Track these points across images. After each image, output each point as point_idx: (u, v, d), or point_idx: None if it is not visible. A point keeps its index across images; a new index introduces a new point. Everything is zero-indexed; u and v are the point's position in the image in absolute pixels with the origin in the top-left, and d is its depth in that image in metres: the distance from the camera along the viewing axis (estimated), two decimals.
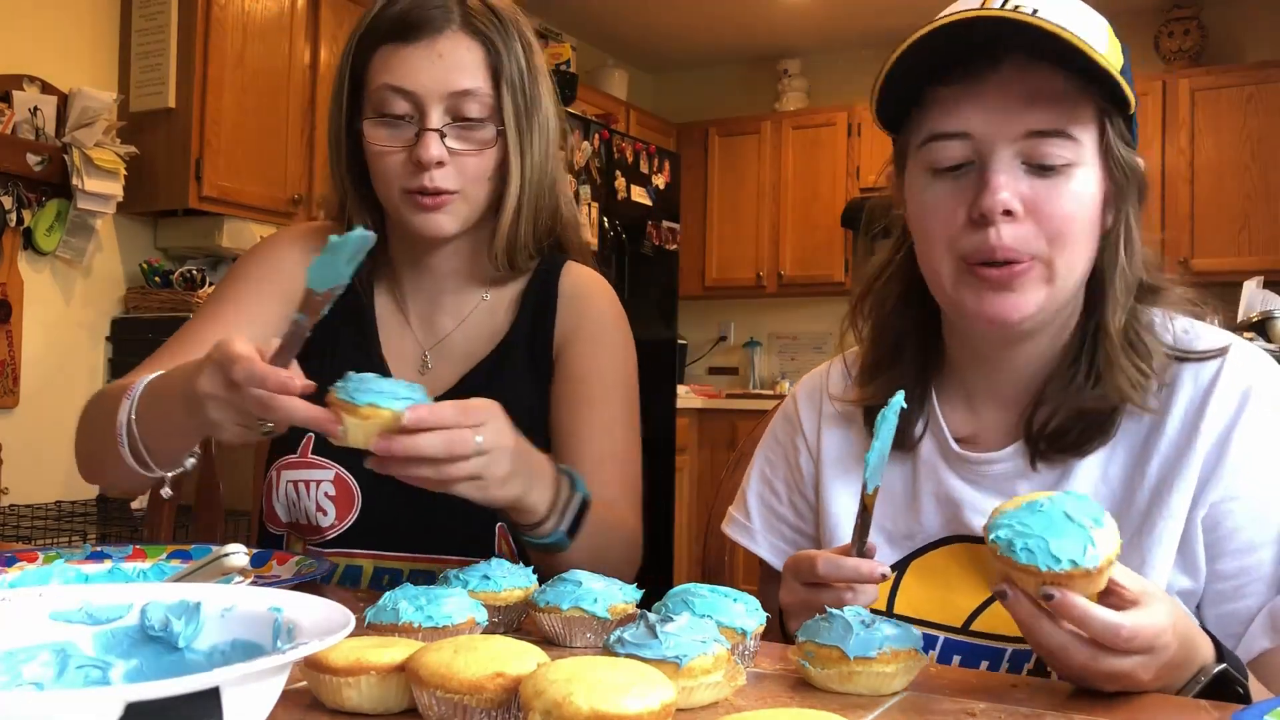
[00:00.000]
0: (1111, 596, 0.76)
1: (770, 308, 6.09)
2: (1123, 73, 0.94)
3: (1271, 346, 3.68)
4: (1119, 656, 0.75)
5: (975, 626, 0.99)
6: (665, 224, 4.80)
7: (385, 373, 1.31)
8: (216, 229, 3.58)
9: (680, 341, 5.53)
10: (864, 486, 0.89)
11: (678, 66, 6.36)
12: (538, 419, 1.30)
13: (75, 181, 3.25)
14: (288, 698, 0.75)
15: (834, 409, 1.14)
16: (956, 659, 0.99)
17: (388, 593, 0.86)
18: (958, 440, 1.04)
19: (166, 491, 1.13)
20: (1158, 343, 0.98)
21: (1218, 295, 1.06)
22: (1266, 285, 4.18)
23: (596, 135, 4.39)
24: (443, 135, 1.21)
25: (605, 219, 4.37)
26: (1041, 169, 0.92)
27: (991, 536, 0.77)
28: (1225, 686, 0.82)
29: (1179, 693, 0.82)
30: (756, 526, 1.17)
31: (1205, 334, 0.99)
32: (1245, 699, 0.83)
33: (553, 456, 1.23)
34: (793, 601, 0.91)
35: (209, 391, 0.93)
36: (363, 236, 0.82)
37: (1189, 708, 0.79)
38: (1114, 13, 1.04)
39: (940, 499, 1.04)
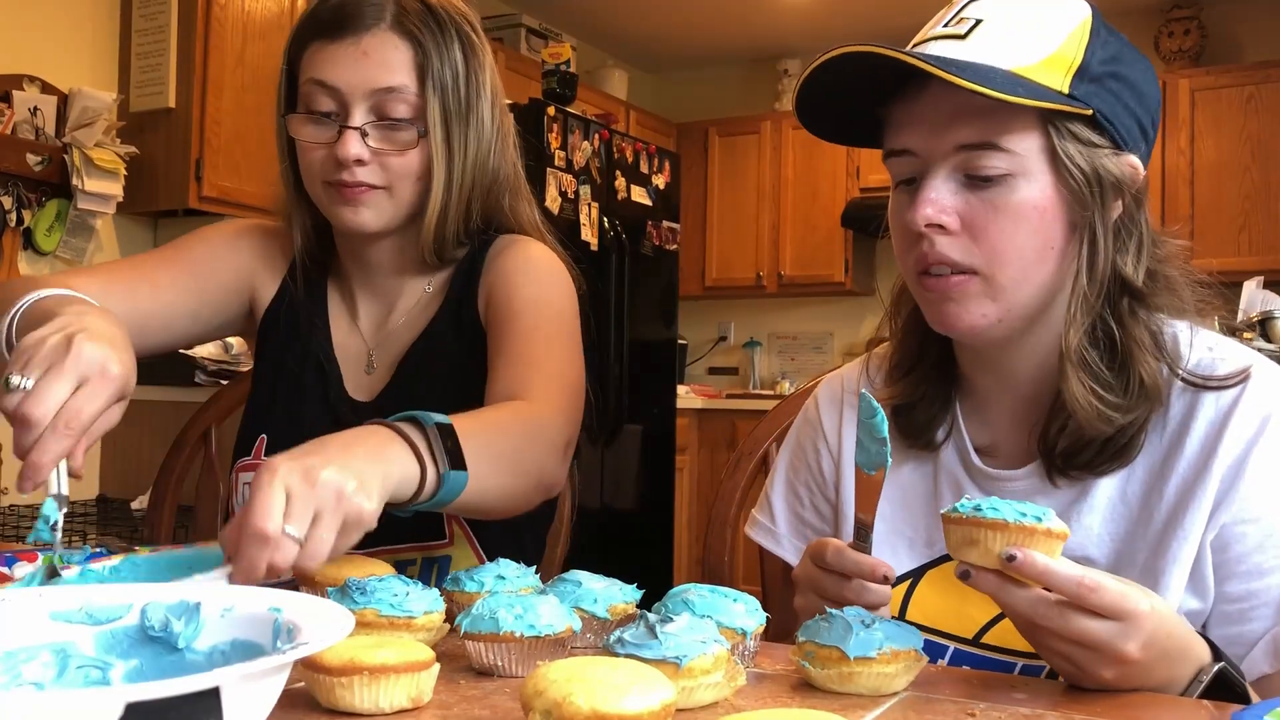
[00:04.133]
0: None
1: (770, 308, 6.09)
2: (1083, 72, 0.92)
3: (1271, 346, 3.68)
4: (1089, 618, 0.76)
5: (987, 639, 0.99)
6: (665, 224, 4.80)
7: (334, 373, 1.32)
8: None
9: (680, 341, 5.53)
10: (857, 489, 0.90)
11: (678, 66, 6.36)
12: (474, 385, 1.24)
13: (75, 181, 3.25)
14: (288, 698, 0.75)
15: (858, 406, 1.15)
16: (965, 669, 0.98)
17: (481, 600, 0.84)
18: (978, 450, 1.05)
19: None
20: (1147, 362, 0.95)
21: (1217, 296, 1.05)
22: (1266, 285, 4.18)
23: (596, 135, 4.39)
24: (364, 134, 1.20)
25: (605, 219, 4.37)
26: (979, 180, 0.93)
27: (955, 505, 0.79)
28: (1227, 688, 0.82)
29: (1182, 695, 0.82)
30: (781, 530, 1.17)
31: (1230, 355, 0.97)
32: (1246, 699, 0.83)
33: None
34: (800, 575, 0.92)
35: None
36: None
37: (1189, 707, 0.80)
38: (1114, 13, 1.04)
39: None
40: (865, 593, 0.86)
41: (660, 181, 4.76)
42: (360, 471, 0.84)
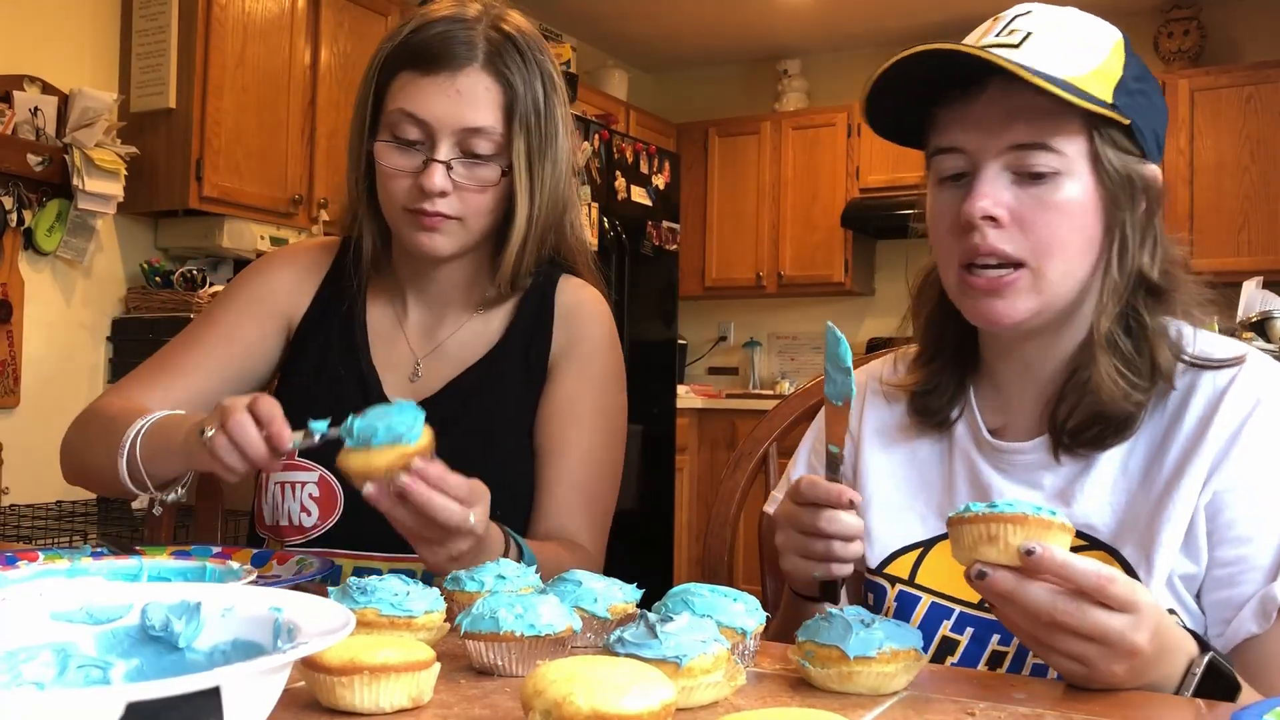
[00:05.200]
0: None
1: (770, 308, 6.09)
2: (1122, 86, 1.00)
3: (1271, 346, 3.68)
4: (1106, 611, 0.77)
5: None
6: (665, 224, 4.80)
7: (374, 380, 1.36)
8: (217, 229, 3.58)
9: (680, 341, 5.54)
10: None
11: (678, 66, 6.36)
12: (527, 423, 1.34)
13: (76, 182, 3.25)
14: (288, 697, 0.75)
15: (880, 392, 1.21)
16: (970, 630, 1.03)
17: (481, 600, 0.85)
18: (990, 431, 1.10)
19: (157, 509, 1.21)
20: (1164, 351, 1.02)
21: (1218, 296, 1.10)
22: (1266, 285, 4.18)
23: (596, 135, 4.39)
24: (449, 167, 1.24)
25: (605, 219, 4.37)
26: (1028, 177, 0.99)
27: (967, 505, 0.80)
28: (1219, 676, 0.84)
29: (1178, 691, 0.83)
30: None
31: (1226, 346, 1.05)
32: (1236, 686, 0.84)
33: (537, 472, 1.32)
34: (779, 513, 0.98)
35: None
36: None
37: (1186, 707, 0.80)
38: (1114, 13, 1.07)
39: (972, 484, 1.09)
40: (835, 522, 0.92)
41: (660, 182, 4.77)
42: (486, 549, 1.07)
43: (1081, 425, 1.02)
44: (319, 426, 1.03)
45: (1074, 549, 0.80)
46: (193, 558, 1.12)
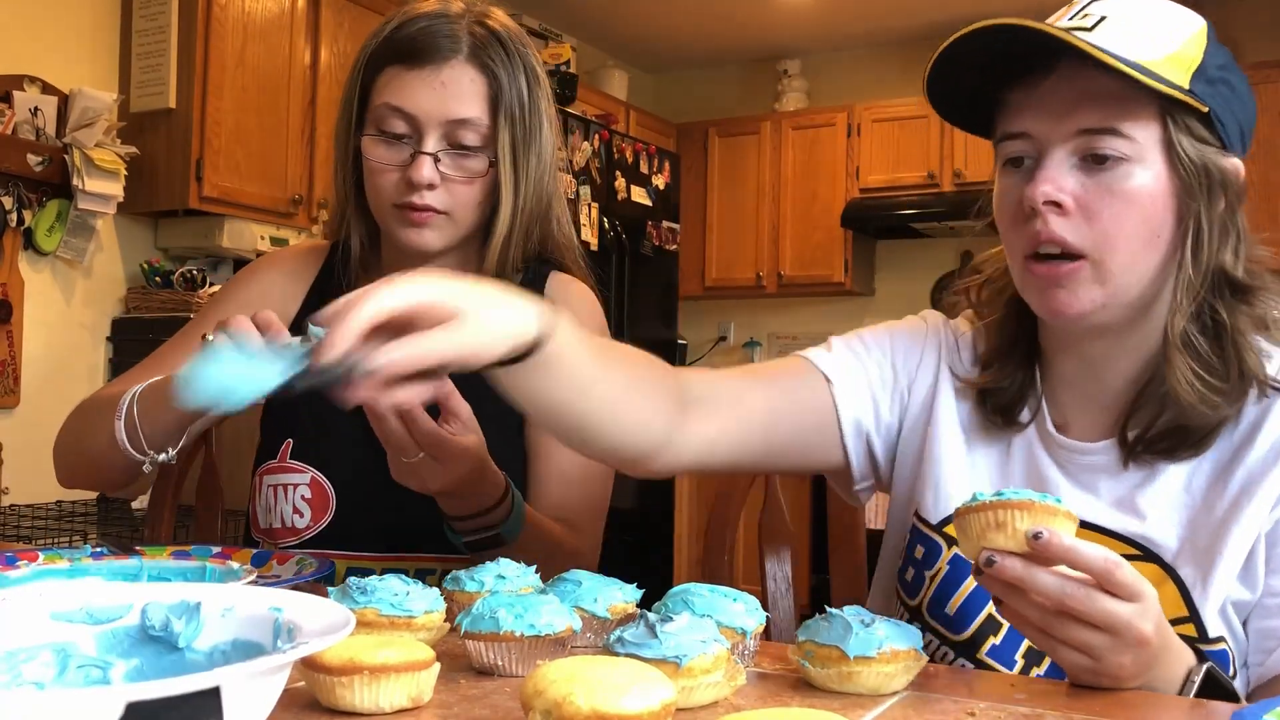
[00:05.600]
0: None
1: (770, 308, 6.09)
2: (1201, 73, 0.96)
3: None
4: (1114, 599, 0.76)
5: None
6: (665, 224, 4.80)
7: None
8: (217, 229, 3.58)
9: (680, 341, 5.54)
10: None
11: (678, 66, 6.36)
12: (517, 421, 1.34)
13: (76, 182, 3.25)
14: (288, 697, 0.75)
15: (955, 387, 1.14)
16: (964, 669, 1.00)
17: (481, 599, 0.85)
18: (1057, 427, 1.07)
19: (148, 467, 1.21)
20: (1250, 354, 0.97)
21: None
22: None
23: (596, 135, 4.39)
24: (437, 160, 1.25)
25: (605, 219, 4.37)
26: (1095, 160, 0.95)
27: (974, 494, 0.80)
28: (1217, 686, 0.83)
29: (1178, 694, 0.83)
30: (836, 346, 1.15)
31: None
32: (1235, 697, 0.84)
33: (528, 468, 1.32)
34: None
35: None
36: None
37: (1187, 707, 0.80)
38: None
39: (1030, 477, 1.07)
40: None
41: (660, 182, 4.77)
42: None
43: (1159, 435, 0.99)
44: (318, 332, 1.05)
45: (1129, 559, 0.79)
46: (193, 558, 1.12)
